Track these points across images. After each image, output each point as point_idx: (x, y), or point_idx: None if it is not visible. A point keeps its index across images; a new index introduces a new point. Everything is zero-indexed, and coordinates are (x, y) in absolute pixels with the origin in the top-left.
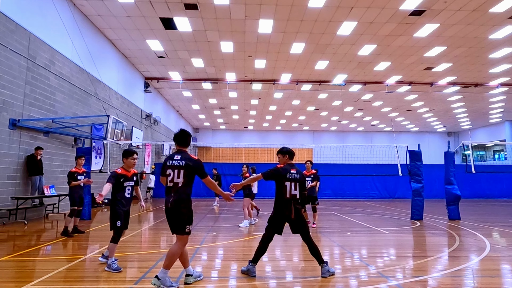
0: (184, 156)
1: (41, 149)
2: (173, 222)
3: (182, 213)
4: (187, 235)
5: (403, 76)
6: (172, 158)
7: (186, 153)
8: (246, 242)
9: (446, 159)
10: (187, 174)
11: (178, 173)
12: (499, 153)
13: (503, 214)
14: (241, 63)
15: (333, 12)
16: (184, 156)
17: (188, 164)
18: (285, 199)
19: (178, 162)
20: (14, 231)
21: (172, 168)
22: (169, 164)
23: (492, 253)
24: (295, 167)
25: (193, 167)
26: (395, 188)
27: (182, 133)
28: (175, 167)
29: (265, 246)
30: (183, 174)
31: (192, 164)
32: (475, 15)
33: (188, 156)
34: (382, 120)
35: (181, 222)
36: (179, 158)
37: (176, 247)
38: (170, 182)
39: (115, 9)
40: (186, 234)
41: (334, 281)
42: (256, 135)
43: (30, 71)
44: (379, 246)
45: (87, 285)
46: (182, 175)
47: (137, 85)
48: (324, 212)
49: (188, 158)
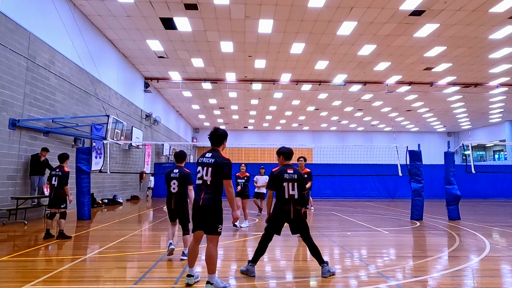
0: (214, 154)
1: (46, 150)
2: (205, 221)
3: (214, 212)
4: (219, 235)
5: (403, 76)
6: (204, 156)
7: (218, 152)
8: (246, 242)
9: (446, 159)
10: (215, 172)
11: (207, 171)
12: (499, 153)
13: (503, 214)
14: (241, 63)
15: (333, 12)
16: (215, 154)
17: (216, 162)
18: (284, 199)
19: (208, 160)
20: (14, 231)
21: (202, 165)
22: (200, 161)
23: (492, 253)
24: (292, 167)
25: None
26: (395, 188)
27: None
28: (205, 165)
29: (265, 246)
30: (211, 172)
31: (220, 162)
32: (475, 15)
33: (219, 155)
34: (382, 120)
35: (213, 222)
36: (210, 156)
37: (212, 250)
38: (199, 180)
39: (115, 9)
40: (219, 234)
41: (334, 281)
42: (256, 135)
43: (30, 71)
44: (379, 246)
45: (87, 285)
46: (210, 173)
47: (137, 85)
48: (324, 212)
49: (218, 157)
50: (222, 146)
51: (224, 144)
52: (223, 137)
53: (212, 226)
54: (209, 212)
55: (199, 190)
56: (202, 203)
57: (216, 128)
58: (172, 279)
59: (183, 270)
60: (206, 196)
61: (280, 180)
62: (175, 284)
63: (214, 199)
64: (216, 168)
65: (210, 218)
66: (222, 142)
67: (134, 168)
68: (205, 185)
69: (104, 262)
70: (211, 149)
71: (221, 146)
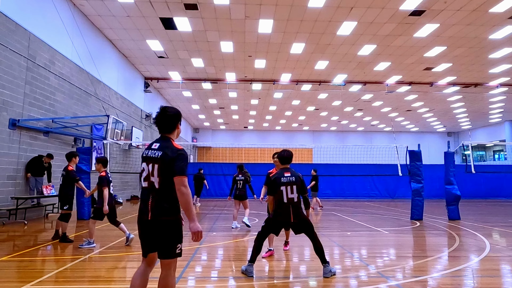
0: (163, 144)
1: (51, 157)
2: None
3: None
4: (179, 257)
5: (403, 76)
6: (149, 148)
7: (168, 141)
8: (246, 242)
9: (446, 159)
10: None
11: (153, 168)
12: (499, 153)
13: (503, 214)
14: (241, 63)
15: (333, 12)
16: (164, 144)
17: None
18: (282, 204)
19: (155, 153)
20: (14, 231)
21: (146, 161)
22: (144, 155)
23: (492, 253)
24: (290, 170)
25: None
26: (395, 188)
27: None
28: (151, 160)
29: (261, 244)
30: (159, 169)
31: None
32: (475, 15)
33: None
34: (382, 120)
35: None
36: (157, 148)
37: (169, 279)
38: (145, 182)
39: (115, 9)
40: (178, 257)
41: (334, 281)
42: (256, 135)
43: (30, 71)
44: (379, 246)
45: (87, 285)
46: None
47: (137, 85)
48: (324, 212)
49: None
50: (174, 133)
51: (178, 129)
52: (175, 118)
53: (168, 247)
54: (163, 228)
55: (145, 197)
56: (151, 217)
57: (164, 108)
58: None
59: (183, 270)
60: (157, 206)
61: (278, 184)
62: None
63: (167, 209)
64: (166, 163)
65: (164, 237)
66: (175, 127)
67: (134, 168)
68: (153, 189)
69: (104, 262)
70: (160, 138)
71: (174, 132)
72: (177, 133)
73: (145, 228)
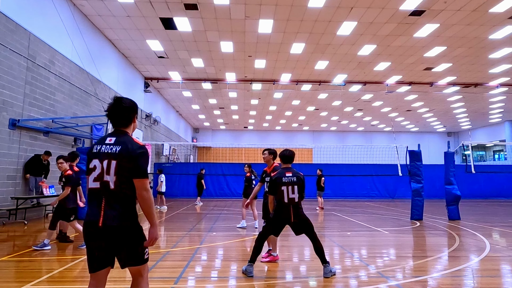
0: (120, 139)
1: (49, 154)
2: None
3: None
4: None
5: (403, 76)
6: (102, 142)
7: (126, 136)
8: (246, 242)
9: (446, 159)
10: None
11: (108, 166)
12: (499, 153)
13: (503, 214)
14: (241, 63)
15: (333, 12)
16: (122, 139)
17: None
18: (283, 204)
19: (111, 149)
20: (14, 231)
21: (99, 157)
22: (95, 151)
23: (492, 253)
24: (291, 170)
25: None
26: (395, 188)
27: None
28: (105, 157)
29: (261, 245)
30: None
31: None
32: (475, 15)
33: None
34: (382, 120)
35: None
36: (113, 142)
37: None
38: (96, 181)
39: (115, 9)
40: (147, 261)
41: (335, 281)
42: (256, 135)
43: (30, 71)
44: (379, 246)
45: (87, 285)
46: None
47: (137, 85)
48: (324, 212)
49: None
50: (131, 127)
51: (135, 123)
52: (131, 111)
53: (136, 253)
54: (124, 234)
55: (95, 200)
56: (103, 223)
57: (119, 98)
58: (172, 279)
59: (183, 270)
60: (112, 210)
61: (278, 184)
62: (175, 284)
63: (124, 213)
64: (125, 160)
65: (129, 243)
66: (131, 120)
67: None
68: (107, 190)
69: None
70: (114, 132)
71: (130, 126)
72: (133, 127)
73: (96, 238)
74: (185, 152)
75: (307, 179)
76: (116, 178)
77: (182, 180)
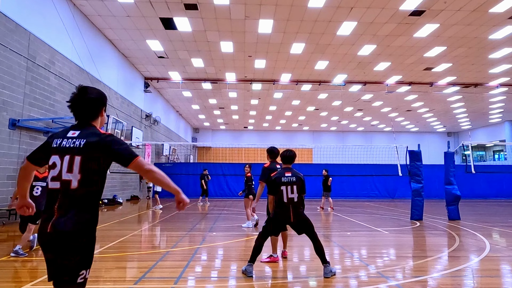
0: (85, 131)
1: None
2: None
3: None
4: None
5: (403, 76)
6: (63, 136)
7: (92, 127)
8: (246, 242)
9: (446, 159)
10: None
11: (70, 163)
12: (499, 153)
13: (503, 214)
14: (241, 63)
15: (333, 12)
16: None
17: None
18: (282, 203)
19: (74, 142)
20: (14, 231)
21: (59, 153)
22: (55, 145)
23: (492, 253)
24: (291, 170)
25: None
26: (395, 188)
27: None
28: (66, 152)
29: (261, 245)
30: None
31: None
32: (475, 15)
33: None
34: (382, 120)
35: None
36: (77, 136)
37: None
38: (55, 181)
39: (115, 9)
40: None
41: (335, 281)
42: (256, 135)
43: (30, 71)
44: (379, 246)
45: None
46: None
47: (137, 85)
48: (324, 212)
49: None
50: (98, 121)
51: (103, 116)
52: (99, 102)
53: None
54: (68, 244)
55: (50, 202)
56: (54, 228)
57: (84, 88)
58: (172, 279)
59: (183, 270)
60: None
61: (278, 184)
62: (175, 284)
63: (80, 219)
64: (97, 153)
65: (67, 257)
66: (99, 113)
67: None
68: (67, 191)
69: (104, 262)
70: (78, 125)
71: (97, 120)
72: (101, 121)
73: (45, 244)
74: (185, 152)
75: (307, 179)
76: (82, 176)
77: (182, 180)
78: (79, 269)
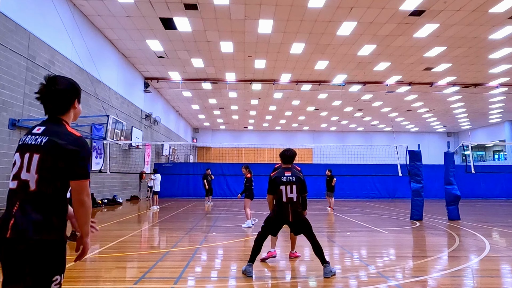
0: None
1: None
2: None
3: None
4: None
5: (403, 76)
6: (29, 132)
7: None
8: (246, 242)
9: (445, 159)
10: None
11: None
12: (498, 153)
13: (503, 214)
14: (241, 63)
15: (333, 12)
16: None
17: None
18: (281, 203)
19: (38, 140)
20: None
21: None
22: (20, 143)
23: (492, 253)
24: (291, 170)
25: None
26: (395, 188)
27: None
28: (29, 149)
29: (260, 245)
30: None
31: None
32: (475, 15)
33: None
34: (382, 120)
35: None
36: (41, 132)
37: None
38: (14, 181)
39: (115, 9)
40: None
41: (334, 281)
42: (256, 135)
43: (30, 71)
44: (379, 246)
45: (87, 285)
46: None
47: (137, 85)
48: (324, 212)
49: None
50: (70, 114)
51: (76, 108)
52: (70, 93)
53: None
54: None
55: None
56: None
57: (53, 78)
58: (172, 279)
59: (183, 270)
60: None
61: (277, 183)
62: (175, 284)
63: (43, 223)
64: (53, 157)
65: (36, 264)
66: (70, 105)
67: (134, 168)
68: (25, 192)
69: (104, 262)
70: (47, 120)
71: (68, 113)
72: (74, 114)
73: (4, 252)
74: (185, 152)
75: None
76: (38, 177)
77: (182, 180)
78: (51, 275)
